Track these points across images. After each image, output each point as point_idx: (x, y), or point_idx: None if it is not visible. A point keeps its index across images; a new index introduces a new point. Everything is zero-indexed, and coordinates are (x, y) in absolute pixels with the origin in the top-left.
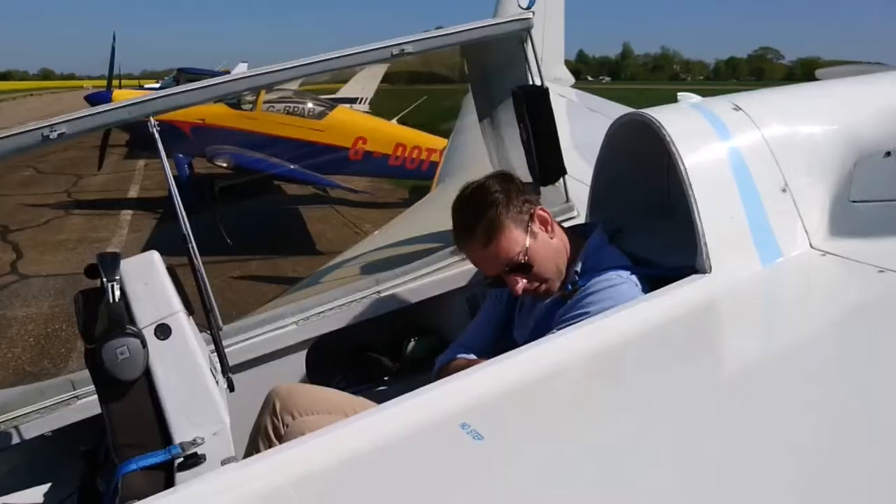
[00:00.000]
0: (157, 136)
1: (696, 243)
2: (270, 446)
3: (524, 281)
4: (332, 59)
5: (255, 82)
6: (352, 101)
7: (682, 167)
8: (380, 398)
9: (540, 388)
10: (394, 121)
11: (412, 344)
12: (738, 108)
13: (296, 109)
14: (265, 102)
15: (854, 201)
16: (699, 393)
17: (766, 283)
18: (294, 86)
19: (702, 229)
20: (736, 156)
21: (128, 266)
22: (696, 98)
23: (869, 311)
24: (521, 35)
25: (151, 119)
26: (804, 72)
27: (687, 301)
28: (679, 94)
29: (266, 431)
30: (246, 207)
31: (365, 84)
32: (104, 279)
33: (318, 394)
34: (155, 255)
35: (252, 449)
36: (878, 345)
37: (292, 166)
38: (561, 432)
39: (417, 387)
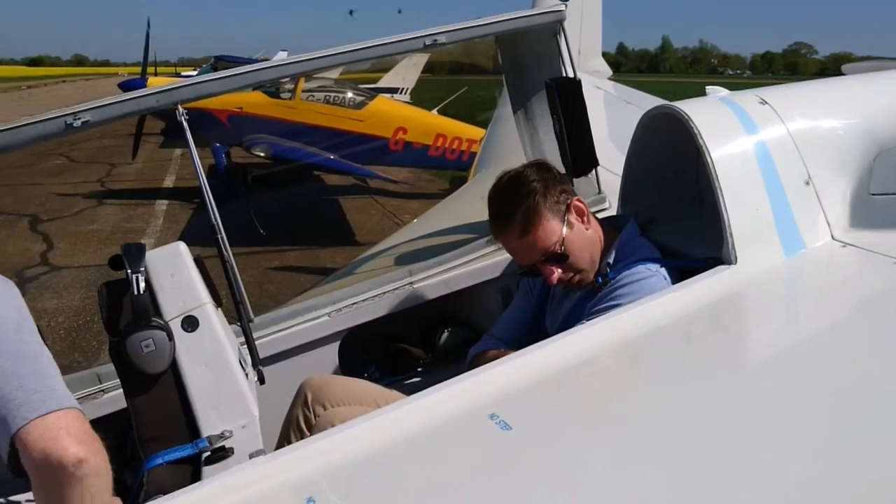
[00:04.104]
0: (185, 124)
1: (722, 235)
2: (302, 437)
3: (559, 271)
4: (366, 48)
5: (287, 71)
6: (393, 90)
7: (709, 160)
8: (412, 389)
9: (567, 379)
10: (434, 111)
11: (445, 335)
12: (764, 102)
13: (335, 99)
14: (304, 91)
15: (874, 194)
16: (724, 383)
17: (790, 273)
18: (334, 75)
19: (728, 221)
20: (762, 149)
21: (153, 257)
22: (724, 92)
23: (887, 302)
24: (553, 27)
25: (179, 107)
26: (837, 67)
27: (712, 292)
28: (707, 87)
29: (298, 423)
30: (282, 197)
31: (406, 74)
32: (129, 270)
33: (349, 385)
34: (181, 246)
35: (284, 440)
36: None
37: (331, 156)
38: (587, 422)
39: (450, 378)
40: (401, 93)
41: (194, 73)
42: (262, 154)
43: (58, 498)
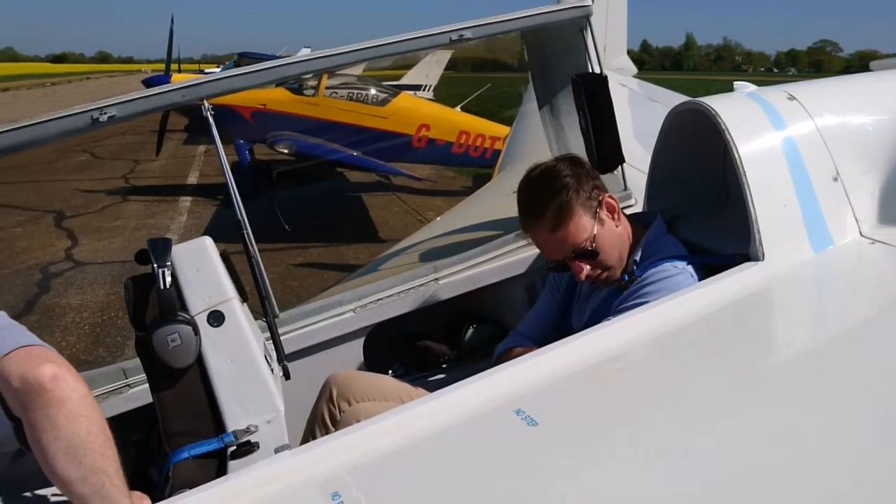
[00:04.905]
0: (210, 119)
1: (750, 231)
2: (327, 433)
3: (588, 268)
4: (390, 43)
5: (311, 66)
6: (416, 87)
7: (736, 155)
8: (437, 386)
9: (593, 375)
10: (457, 108)
11: (470, 331)
12: (792, 98)
13: (358, 96)
14: (327, 88)
15: None
16: (750, 381)
17: (818, 270)
18: (357, 72)
19: (755, 217)
20: (790, 145)
21: (179, 252)
22: (751, 87)
23: None
24: (580, 22)
25: (205, 102)
26: (861, 64)
27: (739, 288)
28: (735, 83)
29: (323, 418)
30: (306, 194)
31: (429, 71)
32: (155, 265)
33: (374, 381)
34: (207, 241)
35: (309, 436)
36: None
37: (354, 153)
38: (614, 419)
39: (475, 374)
40: (424, 90)
41: (218, 69)
42: (285, 151)
43: (46, 425)
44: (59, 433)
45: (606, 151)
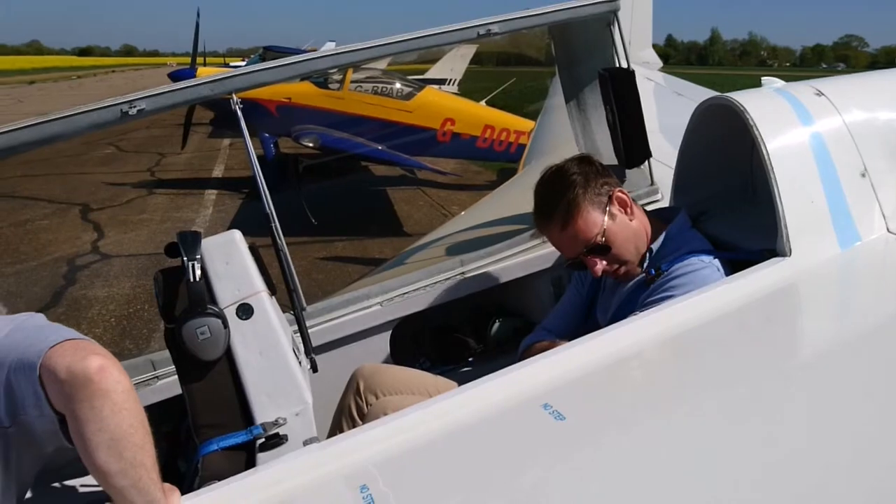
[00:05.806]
0: (239, 113)
1: (777, 227)
2: (354, 426)
3: (603, 262)
4: (417, 38)
5: (340, 60)
6: (440, 82)
7: (764, 151)
8: (464, 379)
9: (621, 370)
10: (482, 102)
11: (496, 325)
12: (820, 94)
13: (383, 90)
14: (352, 82)
15: None
16: (776, 376)
17: (845, 266)
18: (382, 66)
19: (782, 213)
20: (817, 140)
21: (209, 245)
22: (779, 83)
23: None
24: (607, 17)
25: (234, 96)
26: (888, 59)
27: (766, 284)
28: (763, 78)
29: (350, 411)
30: (331, 187)
31: (454, 65)
32: (184, 258)
33: (401, 374)
34: (237, 234)
35: (336, 429)
36: None
37: (379, 147)
38: (641, 413)
39: (501, 368)
40: (449, 84)
41: (242, 63)
42: (310, 144)
43: (90, 416)
44: (102, 425)
45: (633, 146)
